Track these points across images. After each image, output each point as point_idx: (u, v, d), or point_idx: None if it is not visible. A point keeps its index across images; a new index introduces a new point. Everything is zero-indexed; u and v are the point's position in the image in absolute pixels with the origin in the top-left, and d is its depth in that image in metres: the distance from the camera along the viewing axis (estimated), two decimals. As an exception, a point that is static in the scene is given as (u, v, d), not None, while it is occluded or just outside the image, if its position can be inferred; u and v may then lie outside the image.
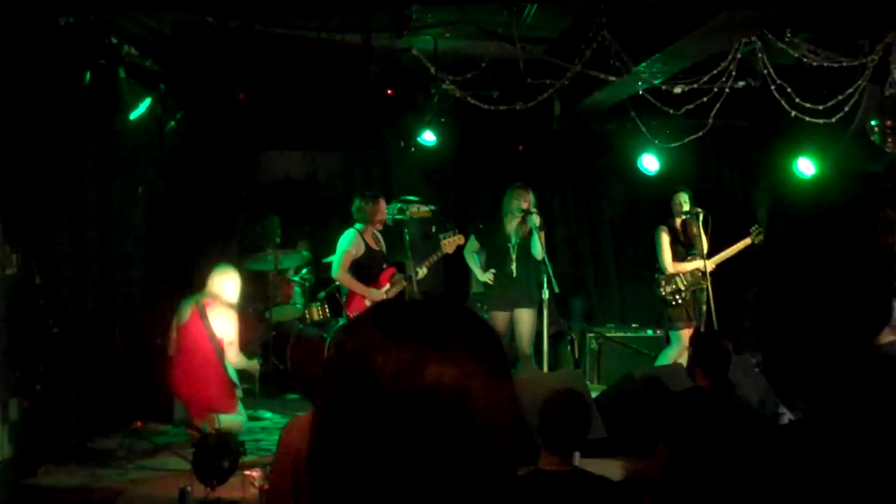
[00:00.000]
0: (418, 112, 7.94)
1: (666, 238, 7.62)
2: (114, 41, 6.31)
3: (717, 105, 6.54)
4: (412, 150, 8.59)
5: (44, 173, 5.91)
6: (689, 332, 7.46)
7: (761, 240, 7.83)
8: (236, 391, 6.62)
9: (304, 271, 8.67)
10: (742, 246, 7.75)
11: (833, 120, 6.53)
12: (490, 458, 0.98)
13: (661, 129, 7.84)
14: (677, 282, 7.54)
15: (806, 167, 8.50)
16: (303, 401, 7.86)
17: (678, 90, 6.66)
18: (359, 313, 1.16)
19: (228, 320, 6.52)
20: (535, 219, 7.22)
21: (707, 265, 7.43)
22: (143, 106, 6.86)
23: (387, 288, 7.38)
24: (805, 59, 6.06)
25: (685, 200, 7.61)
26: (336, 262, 7.27)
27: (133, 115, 6.83)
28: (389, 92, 7.45)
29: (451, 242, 7.44)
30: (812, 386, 7.49)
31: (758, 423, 4.75)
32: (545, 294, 7.05)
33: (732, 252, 7.70)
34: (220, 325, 6.47)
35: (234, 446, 4.98)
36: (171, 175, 8.09)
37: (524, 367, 7.34)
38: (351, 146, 9.00)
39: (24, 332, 5.56)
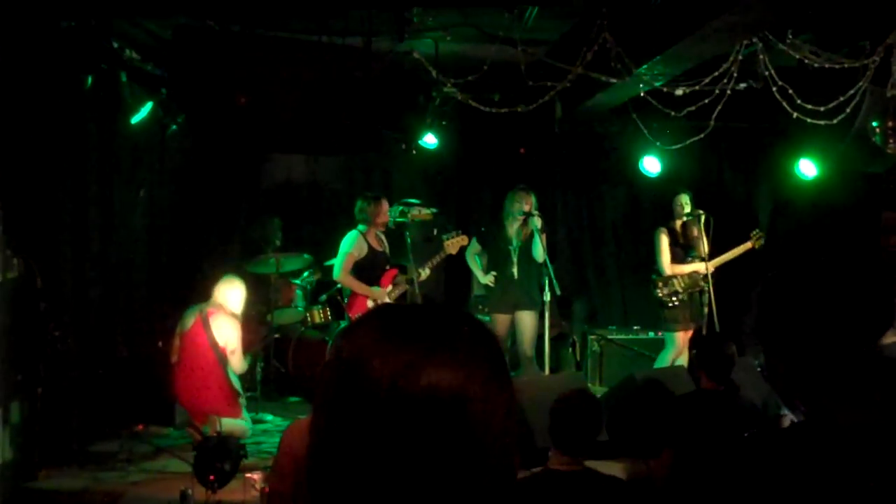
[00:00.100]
0: (419, 115, 7.94)
1: (665, 240, 7.62)
2: (115, 45, 6.33)
3: (719, 107, 6.53)
4: (413, 152, 8.59)
5: (45, 177, 5.92)
6: (683, 334, 7.50)
7: (761, 244, 7.83)
8: (239, 399, 6.61)
9: (305, 274, 8.67)
10: (742, 250, 7.75)
11: (834, 121, 6.51)
12: (489, 462, 0.97)
13: (663, 131, 7.83)
14: (674, 283, 7.53)
15: (807, 169, 8.50)
16: (304, 404, 7.87)
17: (679, 92, 6.66)
18: (359, 316, 1.16)
19: (232, 329, 6.50)
20: (537, 221, 7.22)
21: (706, 268, 7.43)
22: (145, 110, 6.88)
23: (389, 289, 7.37)
24: (806, 61, 6.05)
25: (686, 202, 7.60)
26: (338, 263, 7.26)
27: (135, 119, 6.85)
28: (391, 94, 7.45)
29: (454, 243, 7.44)
30: (814, 387, 7.48)
31: (762, 426, 4.75)
32: (547, 296, 7.05)
33: (732, 255, 7.70)
34: (223, 333, 6.47)
35: (234, 449, 4.97)
36: (172, 179, 8.10)
37: (526, 369, 7.34)
38: (352, 149, 8.99)
39: (26, 335, 5.56)
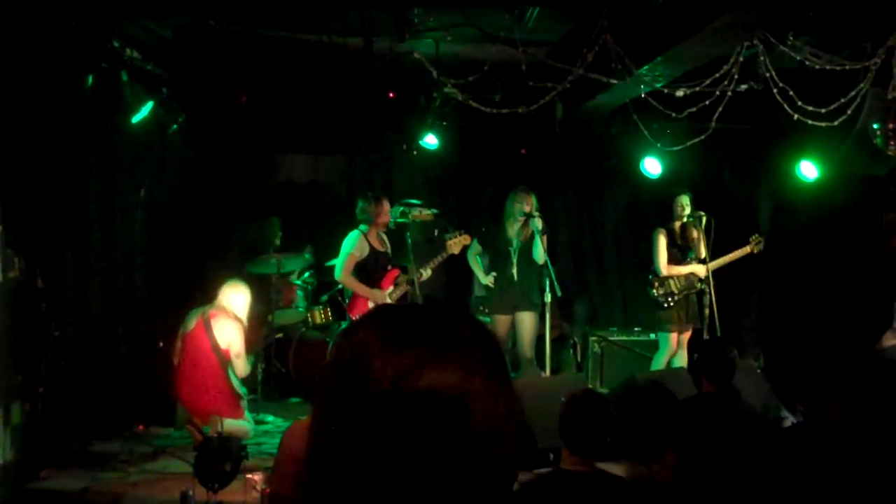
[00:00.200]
0: (420, 115, 7.92)
1: (663, 240, 7.62)
2: (116, 45, 6.33)
3: (720, 108, 6.52)
4: (414, 153, 8.58)
5: (46, 177, 5.92)
6: (677, 335, 7.52)
7: (760, 249, 7.84)
8: (241, 402, 6.61)
9: (306, 275, 8.66)
10: (740, 254, 7.76)
11: (836, 123, 6.50)
12: (489, 462, 0.97)
13: (664, 133, 7.83)
14: (670, 284, 7.54)
15: (808, 170, 8.49)
16: (305, 404, 7.86)
17: (680, 93, 6.65)
18: (359, 317, 1.16)
19: (234, 332, 6.50)
20: (538, 222, 7.21)
21: (704, 270, 7.44)
22: (146, 109, 6.87)
23: (390, 290, 7.36)
24: (807, 63, 6.04)
25: (686, 203, 7.61)
26: (339, 264, 7.25)
27: (135, 119, 6.84)
28: (391, 95, 7.44)
29: (456, 243, 7.42)
30: (814, 389, 7.47)
31: (763, 429, 4.74)
32: (547, 298, 7.04)
33: (730, 259, 7.71)
34: (225, 336, 6.46)
35: (235, 450, 4.97)
36: (173, 178, 8.09)
37: (525, 371, 7.33)
38: (353, 150, 9.00)
39: (27, 335, 5.56)
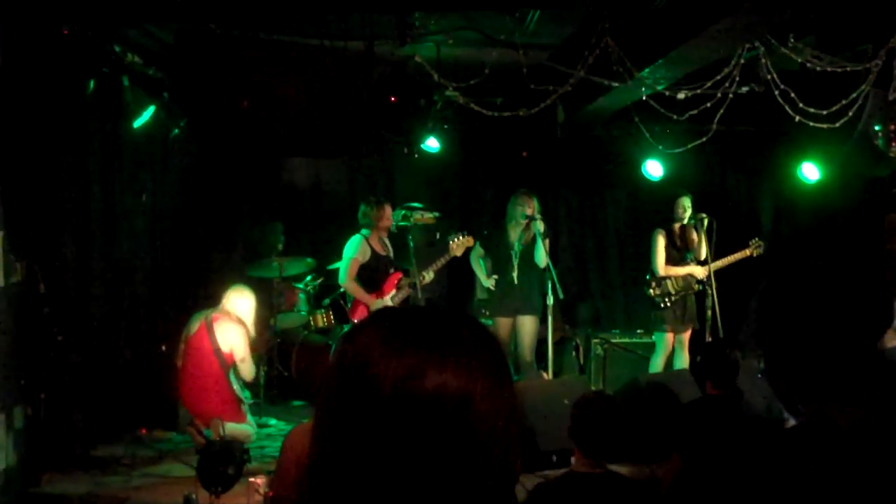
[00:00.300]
0: (422, 119, 7.95)
1: (661, 241, 7.63)
2: (117, 49, 6.34)
3: (721, 110, 6.53)
4: (416, 156, 8.60)
5: (48, 181, 5.91)
6: (671, 335, 7.53)
7: (760, 253, 7.84)
8: (242, 406, 6.61)
9: (308, 278, 8.67)
10: (739, 257, 7.76)
11: (837, 125, 6.50)
12: (491, 464, 0.97)
13: (665, 135, 7.83)
14: (667, 285, 7.55)
15: (810, 172, 8.49)
16: (307, 408, 7.86)
17: (682, 96, 6.65)
18: (362, 320, 1.16)
19: (238, 336, 6.49)
20: (540, 225, 7.21)
21: (703, 271, 7.45)
22: (147, 114, 6.88)
23: (392, 294, 7.36)
24: (808, 64, 6.05)
25: (687, 205, 7.61)
26: (343, 269, 7.25)
27: (137, 123, 6.85)
28: (393, 99, 7.46)
29: (460, 245, 7.41)
30: (815, 390, 7.46)
31: (768, 431, 4.74)
32: (549, 300, 7.04)
33: (729, 261, 7.71)
34: (228, 339, 6.46)
35: (238, 453, 4.97)
36: (175, 182, 8.10)
37: (526, 373, 7.33)
38: (354, 153, 9.00)
39: (29, 340, 5.56)
